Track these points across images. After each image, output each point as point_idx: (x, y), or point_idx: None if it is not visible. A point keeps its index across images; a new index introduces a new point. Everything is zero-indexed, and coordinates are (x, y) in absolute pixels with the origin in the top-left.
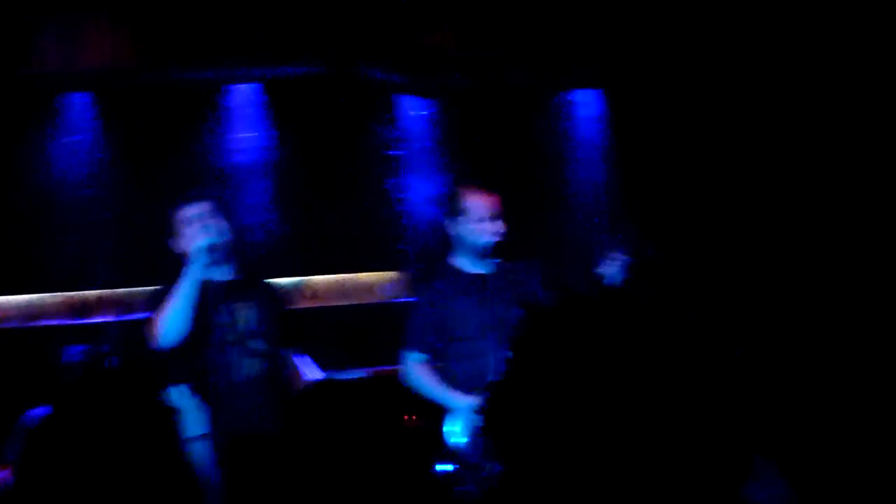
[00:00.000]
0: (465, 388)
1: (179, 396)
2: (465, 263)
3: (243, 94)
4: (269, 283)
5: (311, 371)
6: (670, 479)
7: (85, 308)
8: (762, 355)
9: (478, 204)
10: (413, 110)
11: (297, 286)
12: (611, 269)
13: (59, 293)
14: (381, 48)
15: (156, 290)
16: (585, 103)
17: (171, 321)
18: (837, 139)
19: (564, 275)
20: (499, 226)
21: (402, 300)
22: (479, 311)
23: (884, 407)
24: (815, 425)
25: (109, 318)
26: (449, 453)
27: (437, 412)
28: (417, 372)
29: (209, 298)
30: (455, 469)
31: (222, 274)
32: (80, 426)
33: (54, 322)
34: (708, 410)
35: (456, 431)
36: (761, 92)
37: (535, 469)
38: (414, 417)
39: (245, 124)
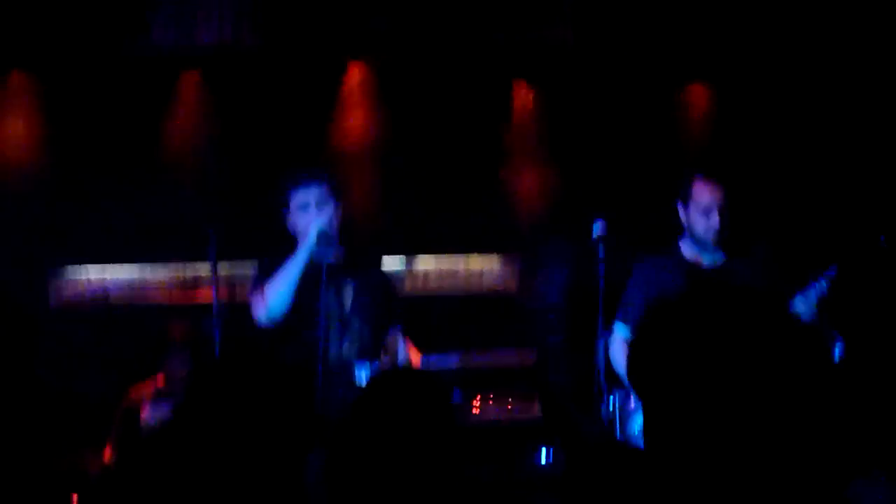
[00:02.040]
0: None
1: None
2: (689, 251)
3: (356, 75)
4: (376, 266)
5: (409, 354)
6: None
7: (193, 283)
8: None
9: (702, 192)
10: (527, 99)
11: (403, 268)
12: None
13: (168, 264)
14: (497, 38)
15: (259, 263)
16: (697, 98)
17: (277, 298)
18: None
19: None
20: (718, 218)
21: (507, 287)
22: None
23: None
24: None
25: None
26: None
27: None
28: (619, 346)
29: (315, 279)
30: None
31: (330, 255)
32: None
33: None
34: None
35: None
36: (868, 91)
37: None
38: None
39: (357, 106)
